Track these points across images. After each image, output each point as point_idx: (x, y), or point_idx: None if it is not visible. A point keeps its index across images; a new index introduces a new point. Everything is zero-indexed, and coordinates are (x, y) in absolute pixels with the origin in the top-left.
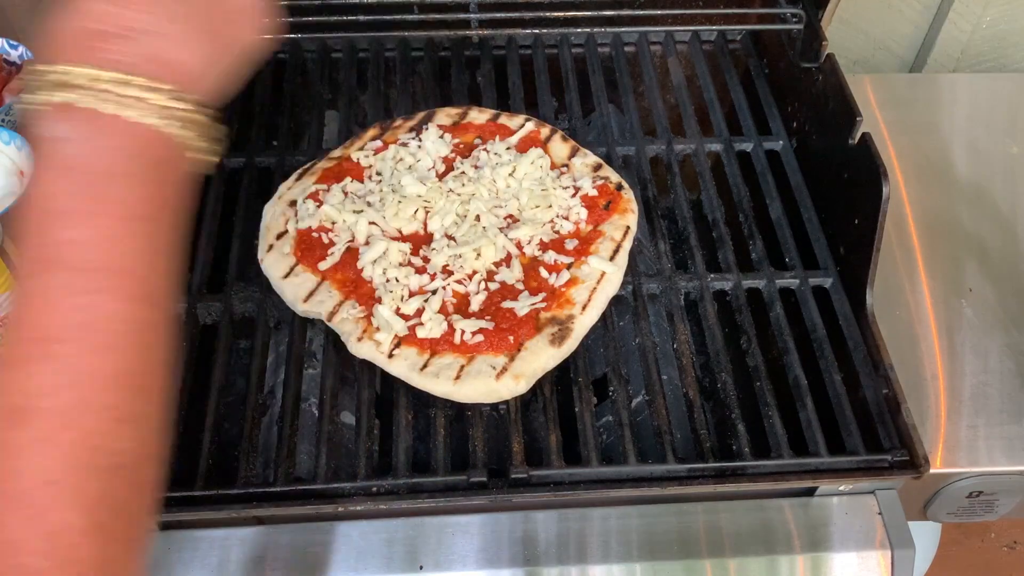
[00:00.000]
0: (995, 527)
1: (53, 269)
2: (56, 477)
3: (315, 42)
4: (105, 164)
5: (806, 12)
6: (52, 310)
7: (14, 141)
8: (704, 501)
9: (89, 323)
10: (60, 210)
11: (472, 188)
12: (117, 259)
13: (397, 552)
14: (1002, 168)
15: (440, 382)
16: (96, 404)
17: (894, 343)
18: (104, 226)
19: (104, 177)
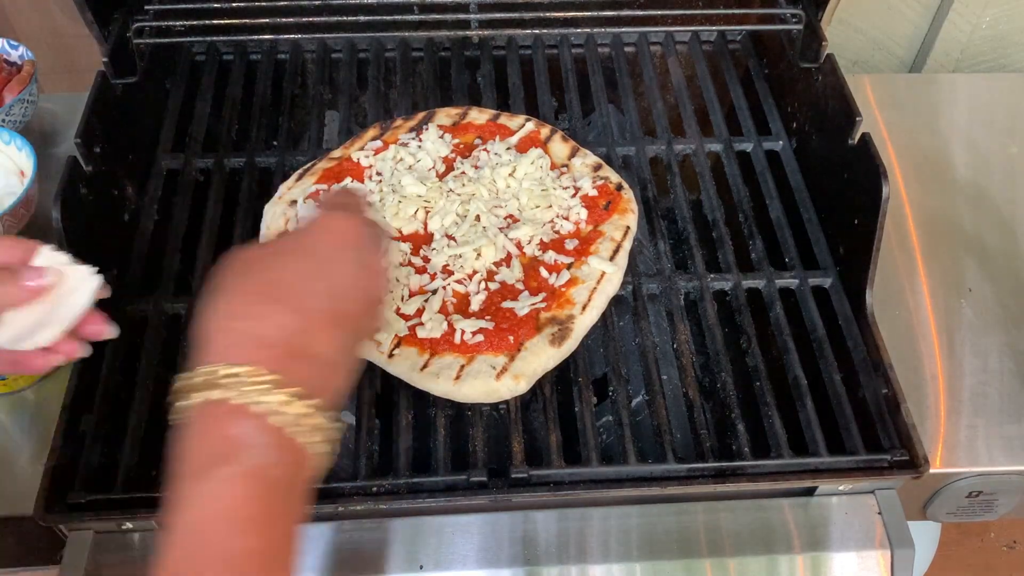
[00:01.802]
0: (995, 527)
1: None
2: None
3: (315, 42)
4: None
5: (806, 12)
6: None
7: (14, 141)
8: (704, 501)
9: None
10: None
11: (472, 188)
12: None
13: (397, 552)
14: (1002, 168)
15: (440, 382)
16: None
17: (894, 343)
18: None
19: (283, 490)
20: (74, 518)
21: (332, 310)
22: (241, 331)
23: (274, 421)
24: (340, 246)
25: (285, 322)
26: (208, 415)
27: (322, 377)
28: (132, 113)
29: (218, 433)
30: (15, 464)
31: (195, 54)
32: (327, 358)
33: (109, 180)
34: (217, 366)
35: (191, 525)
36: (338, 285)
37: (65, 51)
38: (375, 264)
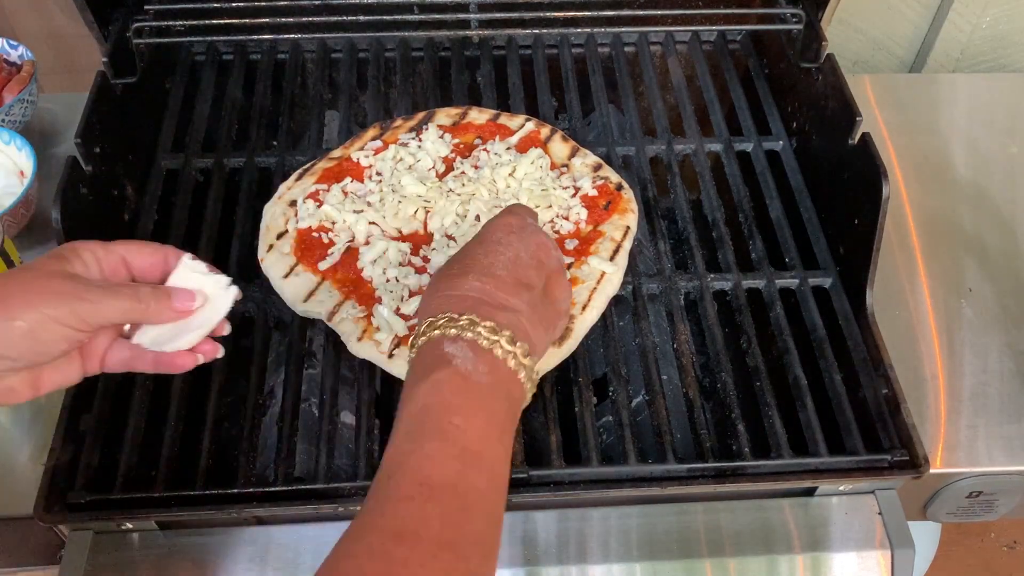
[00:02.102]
0: (995, 527)
1: (440, 439)
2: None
3: (315, 42)
4: (485, 382)
5: (806, 12)
6: (434, 465)
7: (14, 141)
8: (704, 501)
9: (456, 484)
10: (455, 405)
11: (472, 188)
12: (482, 446)
13: None
14: (1002, 168)
15: None
16: (460, 544)
17: (894, 343)
18: (478, 422)
19: (485, 390)
20: (74, 518)
21: (513, 275)
22: (445, 295)
23: (482, 343)
24: (507, 231)
25: (475, 284)
26: (428, 346)
27: (516, 322)
28: (132, 113)
29: (436, 353)
30: (15, 464)
31: (195, 54)
32: (518, 308)
33: (109, 180)
34: (432, 317)
35: (413, 410)
36: (512, 257)
37: (65, 51)
38: (539, 241)
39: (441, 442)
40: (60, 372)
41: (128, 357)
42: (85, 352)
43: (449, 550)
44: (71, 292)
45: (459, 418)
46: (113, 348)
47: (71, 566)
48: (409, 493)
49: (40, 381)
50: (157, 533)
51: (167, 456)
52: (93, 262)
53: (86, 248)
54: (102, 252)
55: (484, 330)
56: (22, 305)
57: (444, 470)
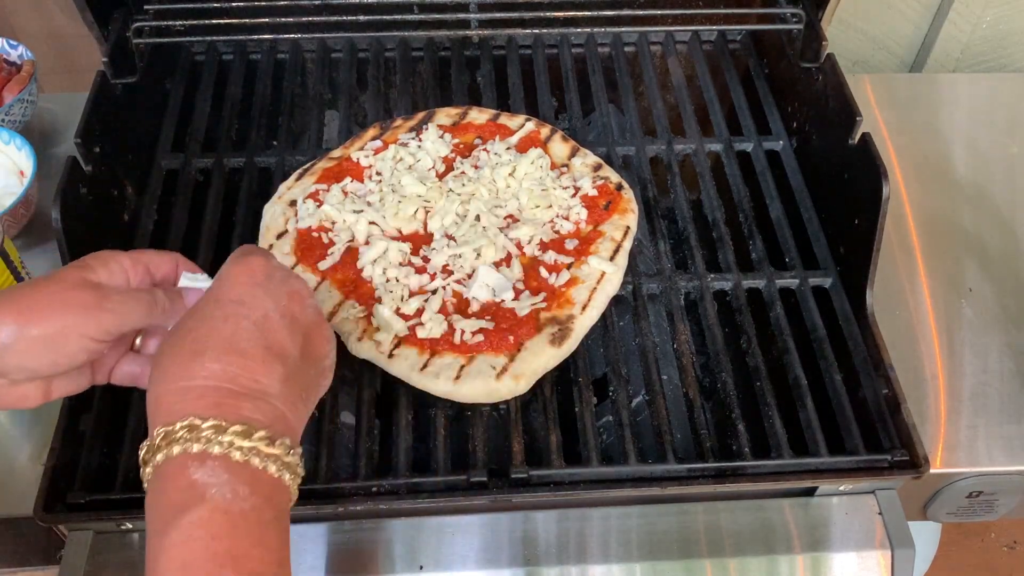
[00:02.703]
0: (995, 527)
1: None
2: None
3: (315, 42)
4: (249, 508)
5: (806, 12)
6: None
7: (14, 141)
8: (704, 501)
9: None
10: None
11: (472, 188)
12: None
13: (397, 552)
14: (1002, 168)
15: (440, 382)
16: None
17: (894, 343)
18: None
19: (252, 518)
20: (74, 518)
21: (262, 345)
22: (180, 390)
23: (235, 457)
24: (247, 285)
25: (214, 368)
26: (169, 471)
27: (270, 410)
28: (132, 113)
29: (182, 483)
30: (15, 464)
31: (195, 54)
32: (274, 391)
33: (109, 180)
34: (167, 426)
35: (172, 568)
36: (258, 320)
37: (65, 51)
38: (291, 290)
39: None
40: (71, 380)
41: (136, 372)
42: (95, 364)
43: None
44: (94, 303)
45: (229, 571)
46: (122, 362)
47: (71, 566)
48: None
49: (51, 388)
50: None
51: None
52: (119, 271)
53: (113, 258)
54: (129, 263)
55: (236, 437)
56: (46, 316)
57: None
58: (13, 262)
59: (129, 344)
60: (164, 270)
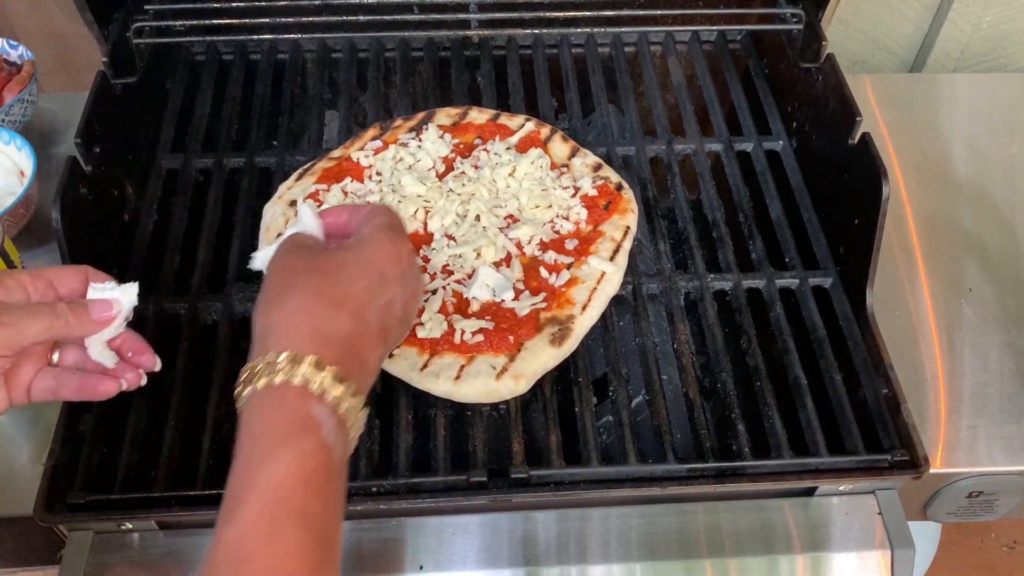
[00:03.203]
0: (995, 527)
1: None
2: None
3: (315, 42)
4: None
5: (806, 12)
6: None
7: (14, 141)
8: (704, 501)
9: None
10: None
11: (472, 188)
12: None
13: (397, 552)
14: (1002, 168)
15: (440, 382)
16: None
17: (894, 343)
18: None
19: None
20: (74, 518)
21: (381, 324)
22: (311, 326)
23: (340, 409)
24: (394, 267)
25: (347, 327)
26: (290, 395)
27: (364, 379)
28: (132, 113)
29: (300, 410)
30: (15, 464)
31: (195, 54)
32: (371, 364)
33: (109, 180)
34: (294, 352)
35: (271, 485)
36: (389, 302)
37: (65, 51)
38: (417, 287)
39: (302, 531)
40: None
41: (53, 385)
42: (10, 382)
43: None
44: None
45: (320, 503)
46: (39, 376)
47: (71, 566)
48: None
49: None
50: (157, 533)
51: (167, 456)
52: (18, 288)
53: (10, 276)
54: (28, 279)
55: (346, 393)
56: None
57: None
58: (13, 262)
59: (46, 359)
60: (69, 284)
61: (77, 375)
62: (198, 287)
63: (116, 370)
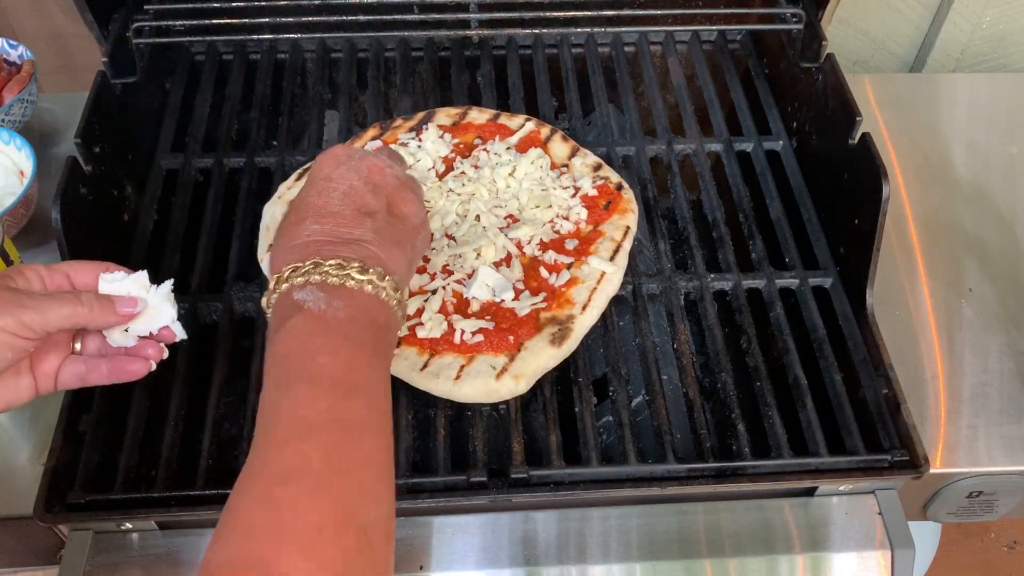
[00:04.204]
0: (995, 527)
1: (307, 381)
2: (323, 524)
3: (315, 42)
4: (344, 316)
5: (806, 12)
6: (309, 406)
7: (14, 141)
8: (704, 501)
9: (336, 418)
10: (315, 345)
11: (472, 188)
12: (353, 376)
13: (397, 552)
14: (1002, 168)
15: (440, 382)
16: (348, 469)
17: (894, 343)
18: (343, 355)
19: (345, 323)
20: (74, 518)
21: (350, 207)
22: (288, 247)
23: (331, 281)
24: (334, 164)
25: (314, 227)
26: (280, 300)
27: (363, 251)
28: (132, 113)
29: (286, 303)
30: (15, 464)
31: (195, 54)
32: (367, 238)
33: (109, 180)
34: (279, 273)
35: (276, 361)
36: (345, 190)
37: (65, 51)
38: (370, 164)
39: (308, 383)
40: (9, 389)
41: (83, 371)
42: (37, 369)
43: (337, 476)
44: (13, 301)
45: (323, 356)
46: (66, 364)
47: (71, 566)
48: (285, 437)
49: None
50: (157, 533)
51: (167, 456)
52: (36, 279)
53: (29, 268)
54: (45, 271)
55: (330, 268)
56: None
57: (317, 408)
58: (13, 262)
59: (69, 348)
60: (84, 277)
61: (105, 360)
62: (198, 287)
63: (138, 348)
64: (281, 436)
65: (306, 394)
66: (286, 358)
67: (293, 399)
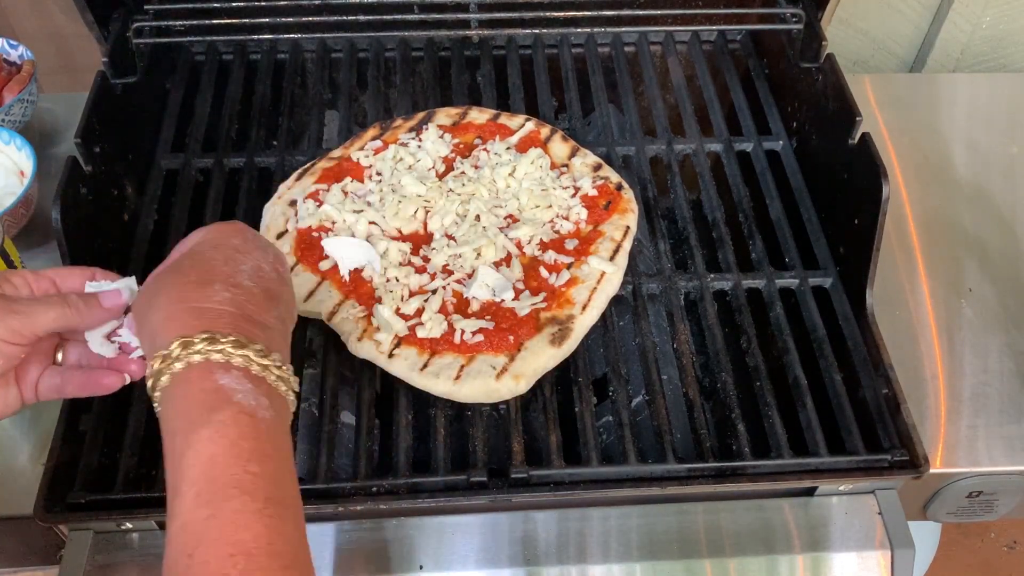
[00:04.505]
0: (995, 527)
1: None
2: None
3: (315, 42)
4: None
5: (806, 12)
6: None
7: (14, 141)
8: (704, 501)
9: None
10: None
11: (472, 188)
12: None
13: (397, 552)
14: (1002, 168)
15: (440, 382)
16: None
17: (894, 343)
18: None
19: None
20: (74, 518)
21: (262, 287)
22: (195, 308)
23: (255, 370)
24: (239, 236)
25: (226, 295)
26: (193, 376)
27: (273, 339)
28: (132, 113)
29: (208, 386)
30: (15, 464)
31: (195, 54)
32: (271, 324)
33: (109, 180)
34: (185, 337)
35: (199, 466)
36: (256, 267)
37: (65, 51)
38: (276, 252)
39: (241, 499)
40: None
41: (59, 382)
42: (21, 381)
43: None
44: (2, 307)
45: (254, 465)
46: (44, 375)
47: (71, 566)
48: (222, 569)
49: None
50: (157, 533)
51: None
52: (23, 285)
53: (15, 274)
54: (32, 277)
55: (253, 354)
56: None
57: (254, 531)
58: (13, 262)
59: (51, 358)
60: (71, 283)
61: (81, 371)
62: None
63: (118, 362)
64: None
65: (240, 514)
66: (213, 465)
67: (225, 520)
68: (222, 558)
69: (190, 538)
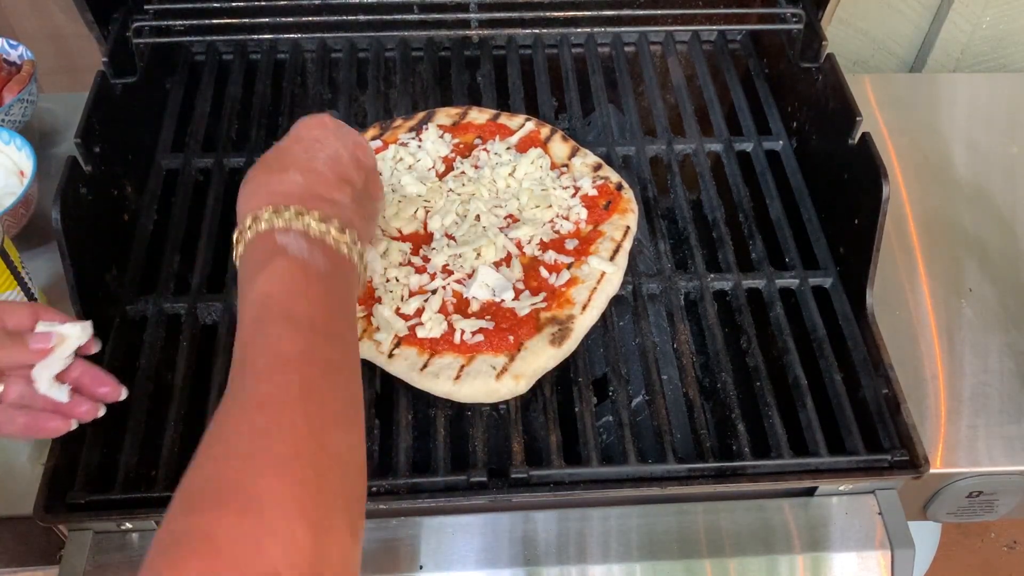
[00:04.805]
0: (995, 527)
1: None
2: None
3: (315, 42)
4: (323, 269)
5: (806, 12)
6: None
7: (14, 141)
8: (704, 501)
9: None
10: (297, 290)
11: (472, 188)
12: (330, 325)
13: (397, 552)
14: (1002, 168)
15: (440, 382)
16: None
17: (894, 343)
18: (322, 305)
19: (324, 275)
20: (73, 518)
21: (336, 172)
22: (269, 192)
23: (313, 233)
24: (320, 129)
25: (299, 179)
26: (259, 241)
27: (342, 213)
28: (132, 113)
29: (269, 245)
30: (15, 464)
31: (195, 54)
32: (342, 202)
33: (109, 180)
34: (255, 214)
35: (256, 300)
36: (331, 154)
37: (65, 51)
38: (356, 140)
39: (288, 323)
40: None
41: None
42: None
43: (314, 406)
44: None
45: (304, 301)
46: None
47: (71, 566)
48: (263, 370)
49: None
50: None
51: (167, 456)
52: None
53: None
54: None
55: (313, 220)
56: None
57: (296, 345)
58: (13, 262)
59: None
60: (16, 319)
61: (24, 412)
62: (198, 287)
63: (69, 406)
64: (259, 368)
65: (286, 332)
66: (267, 297)
67: (273, 336)
68: (264, 361)
69: (243, 349)
